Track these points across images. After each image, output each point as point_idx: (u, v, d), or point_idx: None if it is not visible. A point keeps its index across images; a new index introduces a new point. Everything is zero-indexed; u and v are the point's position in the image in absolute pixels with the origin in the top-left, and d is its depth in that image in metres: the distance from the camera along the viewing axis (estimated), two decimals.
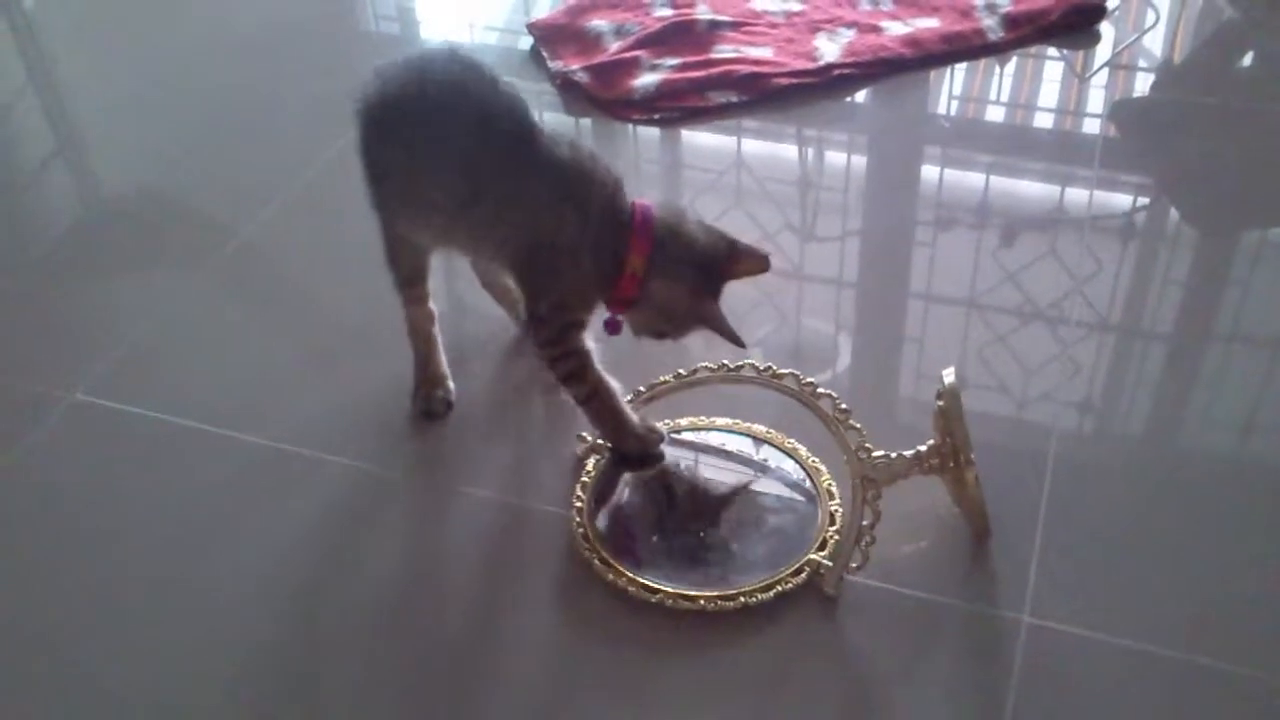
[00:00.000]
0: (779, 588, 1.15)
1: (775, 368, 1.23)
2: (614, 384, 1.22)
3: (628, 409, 1.24)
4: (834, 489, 1.24)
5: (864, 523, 1.14)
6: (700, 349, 1.44)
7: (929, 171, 1.85)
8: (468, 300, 1.52)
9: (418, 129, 1.16)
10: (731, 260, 1.19)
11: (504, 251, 1.21)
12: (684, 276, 1.17)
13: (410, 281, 1.32)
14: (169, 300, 1.59)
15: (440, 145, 1.16)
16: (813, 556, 1.17)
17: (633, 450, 1.25)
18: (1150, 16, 2.17)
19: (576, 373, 1.20)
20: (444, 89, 1.16)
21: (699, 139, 1.89)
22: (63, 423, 1.39)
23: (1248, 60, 2.17)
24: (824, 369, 1.41)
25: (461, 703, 1.09)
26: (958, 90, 2.02)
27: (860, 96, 1.97)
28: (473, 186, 1.16)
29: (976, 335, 1.47)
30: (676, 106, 1.90)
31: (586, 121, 1.92)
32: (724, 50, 1.99)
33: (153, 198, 1.83)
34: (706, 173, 1.84)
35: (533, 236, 1.17)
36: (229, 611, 1.18)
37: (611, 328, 1.23)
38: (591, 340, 1.22)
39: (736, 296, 1.46)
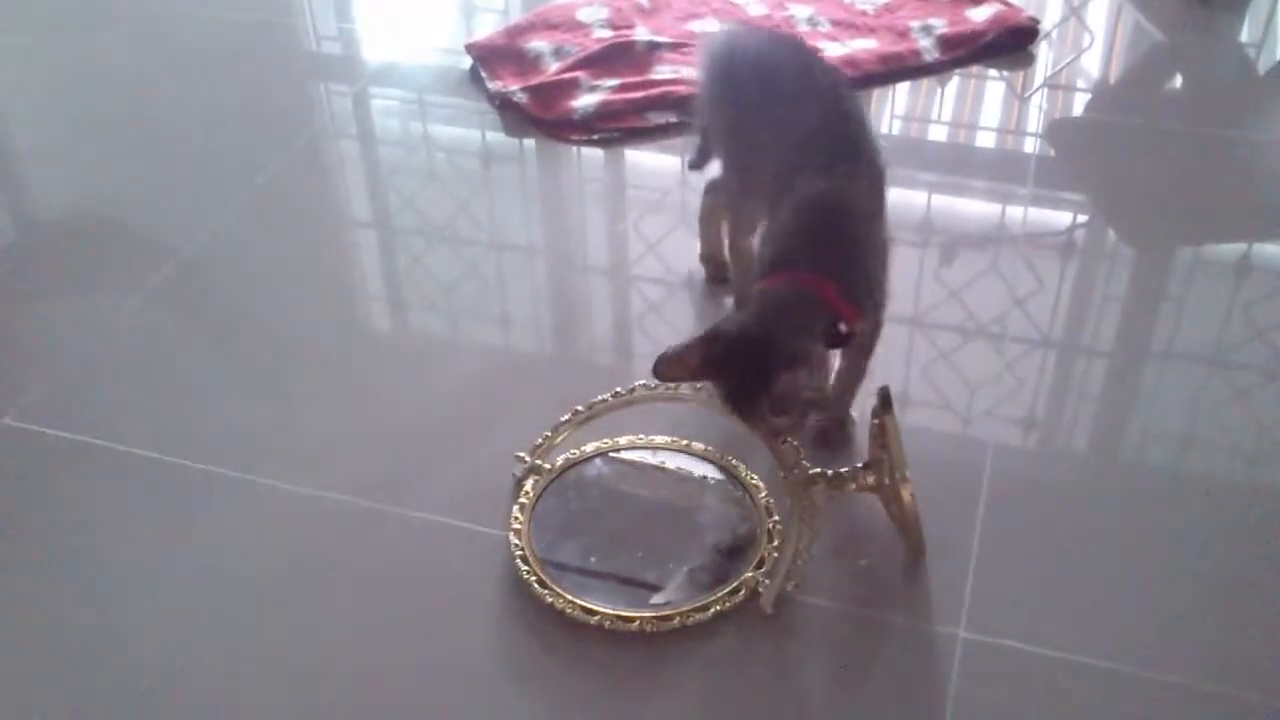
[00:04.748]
0: (717, 607, 1.14)
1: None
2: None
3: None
4: (772, 506, 1.23)
5: (801, 540, 1.14)
6: (640, 368, 1.44)
7: None
8: (428, 330, 1.50)
9: (788, 95, 1.30)
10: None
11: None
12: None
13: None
14: (105, 323, 1.56)
15: (794, 112, 1.28)
16: (750, 575, 1.16)
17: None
18: (1086, 38, 2.20)
19: None
20: (806, 70, 1.34)
21: (642, 159, 1.89)
22: None
23: (1177, 82, 2.21)
24: None
25: None
26: (900, 110, 2.03)
27: None
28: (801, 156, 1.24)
29: (920, 353, 1.47)
30: (616, 127, 1.90)
31: (529, 142, 1.91)
32: (663, 71, 2.00)
33: (89, 218, 1.79)
34: (650, 192, 1.84)
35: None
36: (161, 630, 1.15)
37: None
38: None
39: (682, 317, 1.47)
